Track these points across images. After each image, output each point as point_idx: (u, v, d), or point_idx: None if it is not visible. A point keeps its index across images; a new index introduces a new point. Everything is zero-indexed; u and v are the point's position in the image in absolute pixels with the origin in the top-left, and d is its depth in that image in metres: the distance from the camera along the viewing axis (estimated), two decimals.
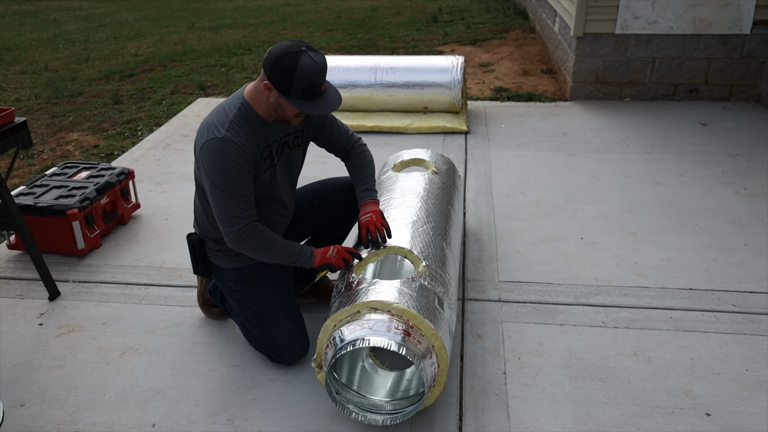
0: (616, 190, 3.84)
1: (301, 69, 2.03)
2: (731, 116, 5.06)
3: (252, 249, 2.22)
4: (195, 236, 2.42)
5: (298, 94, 2.07)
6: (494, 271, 3.01)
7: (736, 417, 2.13)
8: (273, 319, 2.36)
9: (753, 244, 3.21)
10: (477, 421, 2.14)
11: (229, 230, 2.17)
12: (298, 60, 2.03)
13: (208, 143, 2.13)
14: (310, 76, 2.05)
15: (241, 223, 2.16)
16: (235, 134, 2.13)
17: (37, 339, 2.61)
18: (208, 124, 2.18)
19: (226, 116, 2.16)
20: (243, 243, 2.19)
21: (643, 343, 2.50)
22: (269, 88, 2.10)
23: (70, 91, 6.69)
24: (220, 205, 2.15)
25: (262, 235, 2.20)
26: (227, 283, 2.41)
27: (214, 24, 10.64)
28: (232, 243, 2.20)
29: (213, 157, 2.12)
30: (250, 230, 2.18)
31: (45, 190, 3.30)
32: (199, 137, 2.19)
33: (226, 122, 2.14)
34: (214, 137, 2.12)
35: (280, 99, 2.12)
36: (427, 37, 8.50)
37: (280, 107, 2.16)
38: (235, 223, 2.16)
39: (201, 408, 2.23)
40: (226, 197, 2.13)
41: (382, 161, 4.25)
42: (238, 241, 2.18)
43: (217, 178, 2.12)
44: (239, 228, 2.16)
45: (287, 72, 2.03)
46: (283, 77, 2.05)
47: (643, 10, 5.15)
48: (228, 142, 2.10)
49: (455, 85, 4.93)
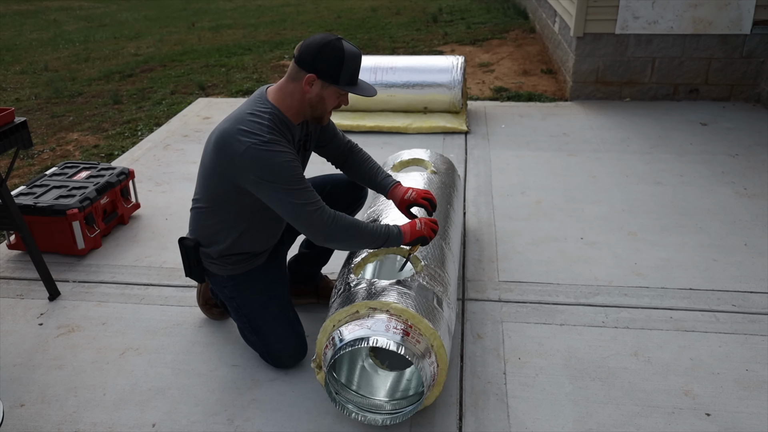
0: (616, 190, 3.84)
1: (348, 54, 2.05)
2: (731, 116, 5.06)
3: (343, 234, 2.11)
4: (189, 242, 2.35)
5: (346, 80, 2.07)
6: (494, 271, 3.01)
7: (736, 417, 2.13)
8: (268, 326, 2.35)
9: (753, 244, 3.21)
10: (477, 421, 2.14)
11: (320, 220, 2.07)
12: (342, 46, 2.04)
13: (253, 148, 2.00)
14: (356, 60, 2.08)
15: (323, 210, 2.07)
16: (278, 135, 2.07)
17: (37, 339, 2.61)
18: (236, 132, 2.04)
19: (259, 122, 2.06)
20: (336, 224, 2.08)
21: (643, 343, 2.50)
22: (311, 81, 2.07)
23: (70, 91, 6.69)
24: (293, 201, 2.04)
25: (345, 218, 2.12)
26: (222, 290, 2.40)
27: (214, 24, 10.64)
28: (324, 233, 2.09)
29: (267, 159, 2.01)
30: (333, 215, 2.09)
31: (45, 190, 3.30)
32: (228, 146, 2.05)
33: (264, 127, 2.05)
34: (257, 142, 2.01)
35: (324, 90, 2.09)
36: (427, 37, 8.50)
37: (321, 101, 2.12)
38: (321, 213, 2.06)
39: (201, 408, 2.23)
40: (297, 191, 2.04)
41: (381, 161, 4.25)
42: (330, 223, 2.07)
43: (279, 177, 2.02)
44: (322, 212, 2.07)
45: (336, 58, 2.03)
46: (331, 65, 2.04)
47: (643, 10, 5.15)
48: (276, 144, 2.04)
49: (455, 85, 4.93)
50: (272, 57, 7.71)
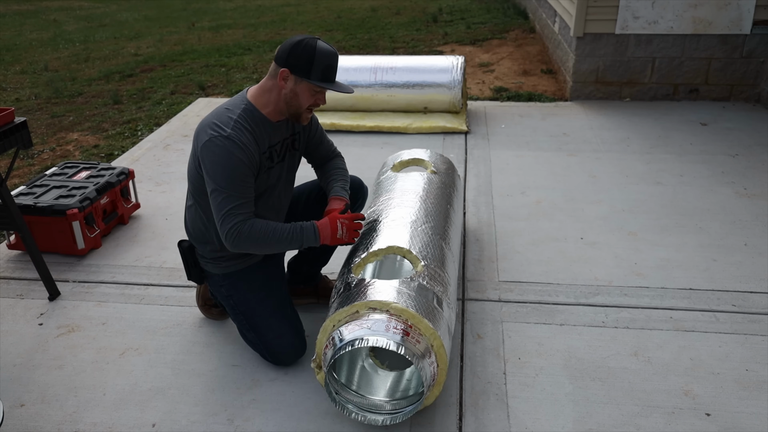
0: (616, 190, 3.84)
1: (321, 50, 2.12)
2: (731, 116, 5.06)
3: (251, 244, 2.18)
4: (186, 243, 2.41)
5: (317, 75, 2.13)
6: (494, 271, 3.01)
7: (736, 417, 2.13)
8: (266, 323, 2.35)
9: (753, 244, 3.21)
10: (477, 421, 2.14)
11: (226, 228, 2.14)
12: (315, 43, 2.13)
13: (211, 141, 2.11)
14: (329, 57, 2.14)
15: (237, 219, 2.13)
16: (240, 133, 2.13)
17: (37, 339, 2.61)
18: (209, 124, 2.16)
19: (229, 116, 2.15)
20: (240, 239, 2.15)
21: (643, 343, 2.50)
22: (285, 76, 2.14)
23: (70, 91, 6.69)
24: (219, 203, 2.13)
25: (255, 228, 2.16)
26: (219, 288, 2.41)
27: (214, 24, 10.64)
28: (230, 241, 2.16)
29: (216, 154, 2.10)
30: (243, 225, 2.14)
31: (45, 190, 3.30)
32: (199, 136, 2.17)
33: (230, 122, 2.14)
34: (218, 135, 2.11)
35: (297, 86, 2.15)
36: (427, 37, 8.50)
37: (294, 96, 2.17)
38: (231, 220, 2.13)
39: (201, 408, 2.23)
40: (226, 195, 2.12)
41: (381, 161, 4.25)
42: (235, 237, 2.14)
43: (219, 176, 2.11)
44: (234, 224, 2.13)
45: (307, 53, 2.11)
46: (302, 59, 2.11)
47: (643, 10, 5.15)
48: (232, 141, 2.10)
49: (455, 85, 4.93)
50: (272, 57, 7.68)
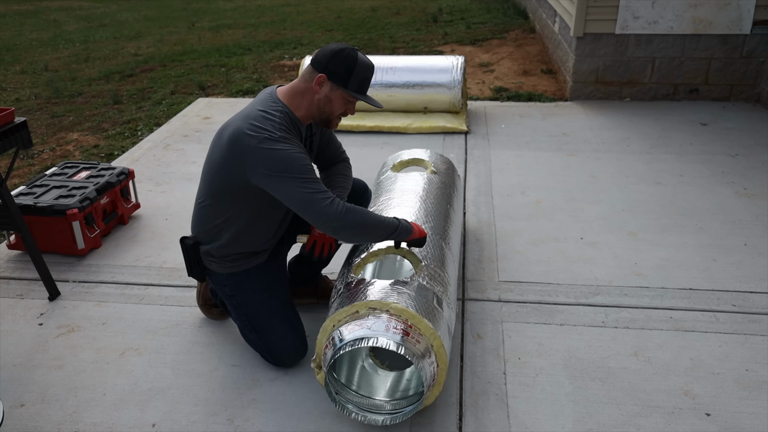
0: (616, 190, 3.84)
1: (361, 61, 2.14)
2: (731, 116, 5.06)
3: (354, 224, 2.11)
4: (189, 240, 2.39)
5: (354, 86, 2.14)
6: (494, 271, 3.01)
7: (736, 417, 2.13)
8: (268, 324, 2.35)
9: (753, 244, 3.21)
10: (477, 421, 2.14)
11: (329, 211, 2.06)
12: (356, 54, 2.14)
13: (264, 143, 2.04)
14: (367, 70, 2.16)
15: (333, 200, 2.08)
16: (289, 133, 2.12)
17: (37, 339, 2.61)
18: (248, 128, 2.07)
19: (270, 119, 2.10)
20: (347, 212, 2.08)
21: (643, 343, 2.50)
22: (321, 82, 2.14)
23: (70, 91, 6.69)
24: (305, 192, 2.05)
25: (356, 209, 2.12)
26: (222, 288, 2.41)
27: (214, 24, 10.64)
28: (337, 222, 2.07)
29: (276, 152, 2.04)
30: (344, 205, 2.09)
31: (45, 190, 3.30)
32: (239, 141, 2.08)
33: (275, 124, 2.09)
34: (268, 137, 2.05)
35: (332, 93, 2.15)
36: (427, 37, 8.50)
37: (328, 102, 2.17)
38: (329, 201, 2.06)
39: (201, 408, 2.23)
40: (308, 182, 2.06)
41: (381, 161, 4.26)
42: (344, 212, 2.07)
43: (290, 168, 2.04)
44: (332, 200, 2.07)
45: (348, 63, 2.12)
46: (342, 68, 2.12)
47: (643, 10, 5.15)
48: (286, 141, 2.08)
49: (455, 85, 4.93)
50: (272, 57, 7.70)
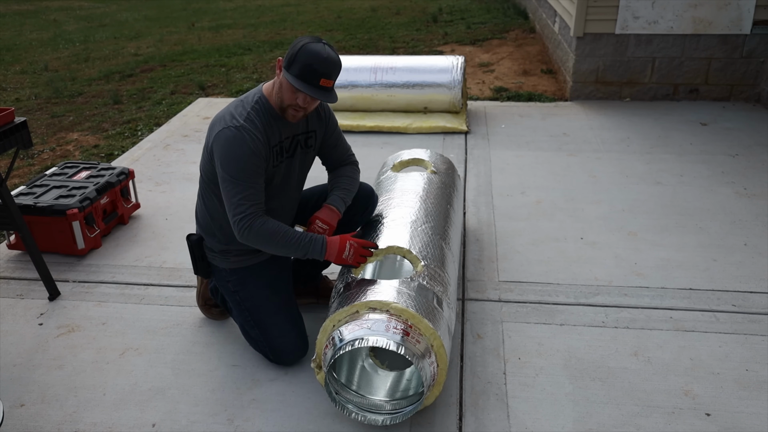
0: (616, 190, 3.84)
1: (308, 48, 2.11)
2: (731, 116, 5.06)
3: (259, 240, 2.19)
4: (194, 237, 2.43)
5: (295, 70, 2.10)
6: (494, 271, 3.01)
7: (736, 417, 2.13)
8: (271, 320, 2.36)
9: (753, 244, 3.21)
10: (477, 421, 2.14)
11: (235, 219, 2.15)
12: (309, 42, 2.13)
13: (224, 131, 2.15)
14: (313, 57, 2.09)
15: (249, 211, 2.14)
16: (252, 125, 2.16)
17: (37, 339, 2.61)
18: (224, 115, 2.20)
19: (244, 108, 2.20)
20: (250, 232, 2.16)
21: (643, 343, 2.50)
22: (279, 66, 2.17)
23: (70, 91, 6.69)
24: (230, 192, 2.15)
25: (267, 226, 2.18)
26: (225, 284, 2.42)
27: (214, 24, 10.64)
28: (239, 231, 2.17)
29: (228, 144, 2.13)
30: (256, 220, 2.16)
31: (45, 190, 3.30)
32: (213, 127, 2.21)
33: (244, 113, 2.18)
34: (230, 125, 2.14)
35: (282, 78, 2.16)
36: (427, 37, 8.50)
37: (280, 88, 2.18)
38: (242, 211, 2.14)
39: (201, 408, 2.23)
40: (237, 185, 2.14)
41: (381, 161, 4.25)
42: (244, 229, 2.15)
43: (230, 166, 2.13)
44: (245, 215, 2.14)
45: (295, 47, 2.13)
46: (290, 52, 2.14)
47: (643, 10, 5.15)
48: (244, 131, 2.14)
49: (455, 85, 4.93)
50: (272, 57, 7.70)
